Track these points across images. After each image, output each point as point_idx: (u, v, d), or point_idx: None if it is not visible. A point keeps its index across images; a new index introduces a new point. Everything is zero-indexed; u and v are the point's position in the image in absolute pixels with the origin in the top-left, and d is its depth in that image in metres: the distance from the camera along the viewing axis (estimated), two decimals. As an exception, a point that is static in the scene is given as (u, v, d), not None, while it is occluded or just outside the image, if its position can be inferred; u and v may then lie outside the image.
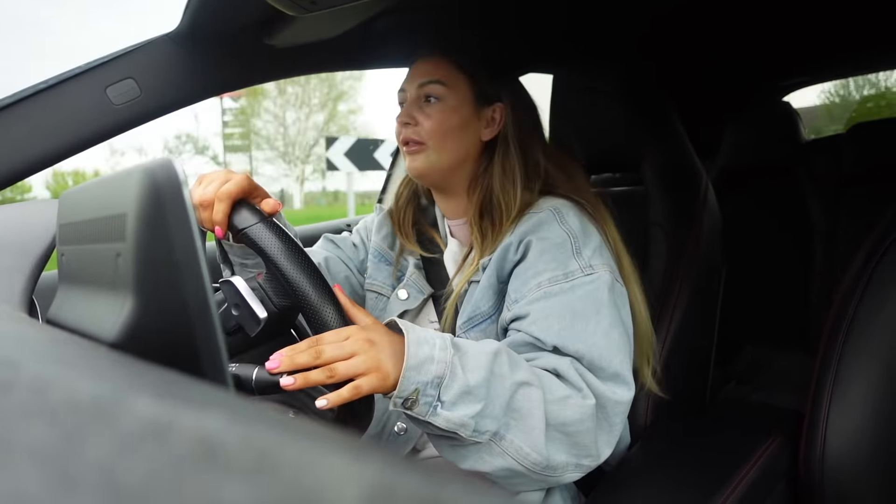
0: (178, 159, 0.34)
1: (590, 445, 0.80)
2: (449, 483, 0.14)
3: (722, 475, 0.96)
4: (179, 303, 0.31)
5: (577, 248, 0.90)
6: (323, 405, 0.69)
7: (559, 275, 0.87)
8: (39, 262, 0.60)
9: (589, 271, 0.88)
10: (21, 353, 0.25)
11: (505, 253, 0.92)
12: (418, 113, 0.98)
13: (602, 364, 0.83)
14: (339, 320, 0.74)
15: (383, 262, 1.11)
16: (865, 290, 0.98)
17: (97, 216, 0.39)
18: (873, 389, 0.94)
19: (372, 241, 1.15)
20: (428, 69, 0.99)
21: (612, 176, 1.61)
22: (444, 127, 0.97)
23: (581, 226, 0.92)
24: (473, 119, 0.99)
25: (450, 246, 1.06)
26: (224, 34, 1.04)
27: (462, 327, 0.95)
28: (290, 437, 0.16)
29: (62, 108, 0.96)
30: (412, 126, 0.98)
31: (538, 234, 0.91)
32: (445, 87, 0.98)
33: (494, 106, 1.01)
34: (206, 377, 0.31)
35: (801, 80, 2.22)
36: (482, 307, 0.93)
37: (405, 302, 1.04)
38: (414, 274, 1.06)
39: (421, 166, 0.98)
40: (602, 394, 0.81)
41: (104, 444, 0.14)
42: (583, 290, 0.86)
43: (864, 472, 0.93)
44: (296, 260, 0.74)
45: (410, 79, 1.01)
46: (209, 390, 0.21)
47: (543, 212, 0.93)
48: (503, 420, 0.75)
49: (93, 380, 0.20)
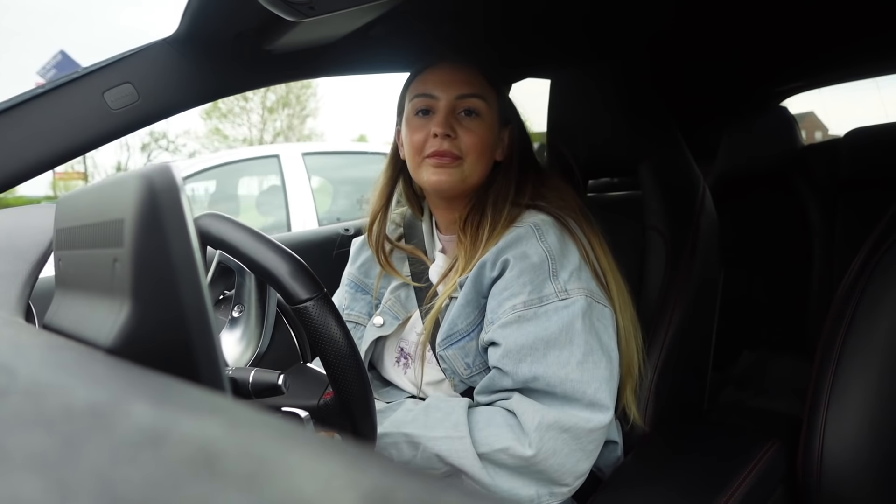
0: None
1: (559, 473, 0.84)
2: (447, 489, 0.14)
3: (720, 480, 0.96)
4: (177, 308, 0.31)
5: (553, 270, 0.89)
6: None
7: (534, 299, 0.87)
8: (36, 267, 0.60)
9: (564, 296, 0.87)
10: (17, 359, 0.24)
11: (482, 269, 0.92)
12: (457, 125, 0.94)
13: (576, 396, 0.84)
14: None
15: (360, 291, 1.11)
16: (863, 293, 0.99)
17: (94, 221, 0.39)
18: (871, 394, 0.94)
19: (347, 271, 1.15)
20: (465, 78, 0.96)
21: (609, 181, 1.62)
22: (483, 144, 0.95)
23: (560, 245, 0.91)
24: (497, 140, 0.99)
25: (437, 261, 1.05)
26: (222, 39, 1.04)
27: (441, 345, 0.94)
28: (288, 444, 0.16)
29: (60, 112, 0.96)
30: (451, 139, 0.93)
31: (516, 252, 0.90)
32: (485, 102, 0.96)
33: (509, 127, 1.01)
34: (204, 382, 0.31)
35: (797, 85, 2.23)
36: (459, 325, 0.93)
37: (380, 328, 1.04)
38: (390, 300, 1.06)
39: (454, 181, 0.95)
40: (575, 425, 0.83)
41: (101, 451, 0.14)
42: (557, 317, 0.86)
43: (862, 475, 0.93)
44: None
45: (442, 85, 0.96)
46: (207, 396, 0.21)
47: (523, 227, 0.92)
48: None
49: (89, 386, 0.20)
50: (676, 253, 1.18)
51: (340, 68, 1.30)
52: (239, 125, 21.60)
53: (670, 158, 1.27)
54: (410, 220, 1.13)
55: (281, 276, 0.73)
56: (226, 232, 0.75)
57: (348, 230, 1.90)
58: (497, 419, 0.85)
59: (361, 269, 1.13)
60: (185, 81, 1.05)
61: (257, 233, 0.76)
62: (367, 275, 1.12)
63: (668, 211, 1.21)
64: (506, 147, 1.01)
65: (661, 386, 1.08)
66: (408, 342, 1.05)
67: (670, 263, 1.18)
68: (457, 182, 0.95)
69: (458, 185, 0.96)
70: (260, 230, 0.76)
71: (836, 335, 0.99)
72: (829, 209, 1.76)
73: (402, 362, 1.05)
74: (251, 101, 21.15)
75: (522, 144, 1.02)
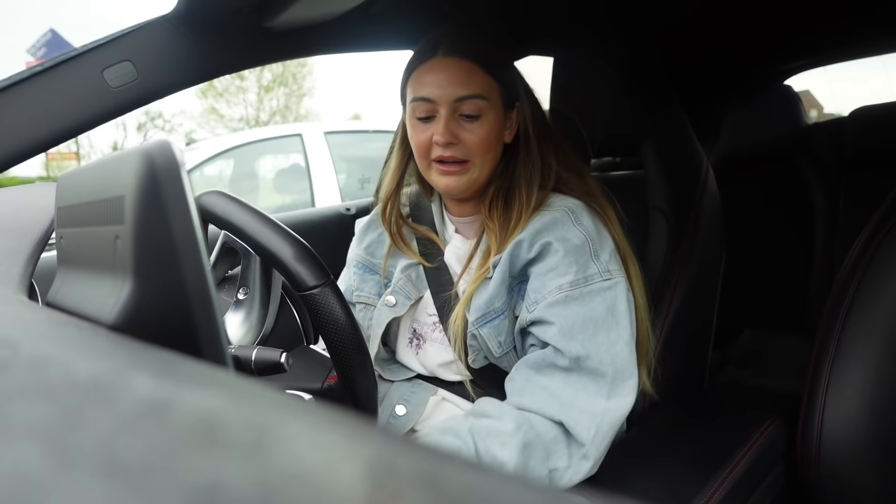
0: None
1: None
2: (448, 460, 0.14)
3: (720, 456, 0.96)
4: (178, 284, 0.31)
5: (594, 250, 0.91)
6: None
7: (580, 278, 0.89)
8: (39, 245, 0.60)
9: (607, 276, 0.90)
10: (20, 333, 0.25)
11: (517, 249, 0.92)
12: (459, 129, 0.92)
13: (624, 376, 0.88)
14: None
15: (368, 272, 1.11)
16: (865, 273, 0.99)
17: (95, 199, 0.39)
18: (871, 373, 0.94)
19: (354, 252, 1.14)
20: (463, 79, 0.92)
21: (612, 160, 1.61)
22: (488, 142, 0.93)
23: (596, 228, 0.93)
24: (503, 125, 0.97)
25: (453, 242, 1.05)
26: (221, 15, 1.03)
27: (475, 323, 0.94)
28: (289, 415, 0.16)
29: (59, 91, 0.95)
30: (454, 145, 0.92)
31: (556, 235, 0.91)
32: (486, 101, 0.92)
33: (516, 106, 0.99)
34: (206, 358, 0.31)
35: (801, 63, 2.21)
36: (496, 304, 0.94)
37: (393, 308, 1.04)
38: (401, 279, 1.05)
39: (463, 184, 0.95)
40: (622, 416, 0.88)
41: (103, 421, 0.14)
42: (602, 298, 0.88)
43: (861, 454, 0.94)
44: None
45: (440, 88, 0.92)
46: (209, 370, 0.21)
47: (558, 211, 0.93)
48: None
49: (92, 359, 0.20)
50: (679, 233, 1.18)
51: (340, 46, 1.29)
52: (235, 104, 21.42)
53: (674, 137, 1.26)
54: (416, 200, 1.12)
55: (288, 261, 0.72)
56: (232, 213, 0.75)
57: (349, 209, 1.89)
58: (548, 440, 0.85)
59: (368, 250, 1.12)
60: (184, 59, 1.04)
61: (264, 215, 0.75)
62: (373, 255, 1.12)
63: (671, 190, 1.21)
64: (514, 126, 0.99)
65: (663, 364, 1.09)
66: (420, 323, 1.05)
67: (672, 243, 1.18)
68: (465, 185, 0.95)
69: (468, 188, 0.96)
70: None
71: (838, 315, 0.99)
72: (832, 189, 1.75)
73: (415, 343, 1.05)
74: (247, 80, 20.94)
75: (536, 119, 0.99)
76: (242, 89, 21.32)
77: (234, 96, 21.36)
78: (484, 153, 0.94)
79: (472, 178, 0.95)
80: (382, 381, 1.07)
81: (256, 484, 0.12)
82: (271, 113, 21.76)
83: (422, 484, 0.13)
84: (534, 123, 0.98)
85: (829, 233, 1.74)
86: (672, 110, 1.29)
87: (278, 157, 4.53)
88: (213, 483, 0.12)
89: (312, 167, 3.96)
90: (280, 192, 4.24)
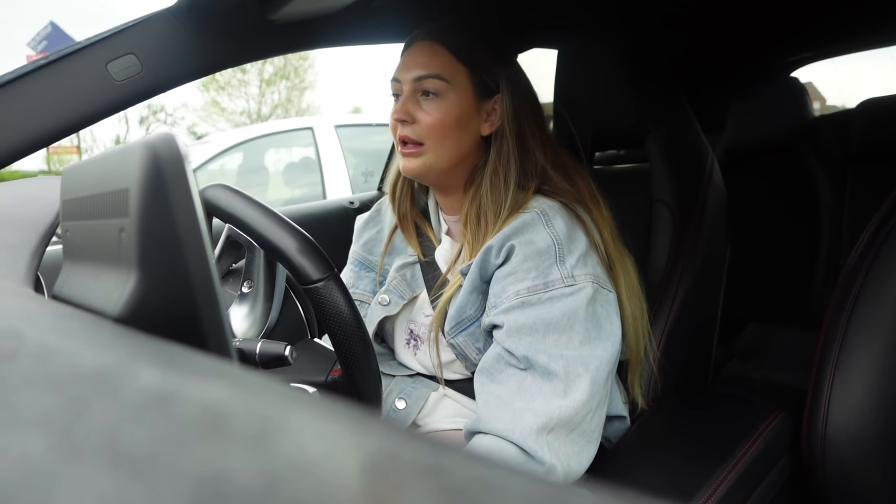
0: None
1: (575, 471, 0.83)
2: (451, 451, 0.14)
3: (725, 448, 0.96)
4: (183, 277, 0.31)
5: (560, 255, 0.87)
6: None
7: (539, 284, 0.86)
8: (44, 238, 0.60)
9: (570, 282, 0.86)
10: (26, 326, 0.25)
11: (487, 255, 0.90)
12: (415, 109, 0.92)
13: (578, 371, 0.82)
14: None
15: (364, 269, 1.11)
16: (871, 266, 0.98)
17: (100, 191, 0.39)
18: (876, 366, 0.94)
19: (352, 249, 1.14)
20: (425, 59, 0.92)
21: (616, 153, 1.60)
22: (443, 125, 0.91)
23: (567, 231, 0.89)
24: (474, 114, 0.94)
25: (443, 243, 1.03)
26: (225, 9, 1.02)
27: (450, 333, 0.94)
28: (293, 406, 0.16)
29: (63, 84, 0.95)
30: (409, 124, 0.92)
31: (522, 238, 0.88)
32: (445, 82, 0.91)
33: (496, 98, 0.95)
34: (211, 351, 0.31)
35: (807, 55, 2.19)
36: (467, 311, 0.93)
37: (386, 308, 1.03)
38: (395, 278, 1.05)
39: (418, 168, 0.93)
40: (575, 415, 0.81)
41: (108, 411, 0.14)
42: (561, 303, 0.85)
43: (866, 447, 0.94)
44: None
45: (405, 68, 0.93)
46: (213, 362, 0.21)
47: (529, 213, 0.90)
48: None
49: (97, 351, 0.20)
50: (683, 226, 1.18)
51: (343, 39, 1.29)
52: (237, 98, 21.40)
53: (678, 130, 1.26)
54: (417, 195, 1.12)
55: (292, 255, 0.72)
56: (236, 206, 0.75)
57: (353, 203, 1.89)
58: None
59: (365, 247, 1.12)
60: (188, 52, 1.04)
61: (268, 208, 0.75)
62: (370, 252, 1.12)
63: (676, 183, 1.20)
64: (498, 121, 0.95)
65: (667, 358, 1.09)
66: (416, 324, 1.04)
67: (677, 236, 1.17)
68: (421, 168, 0.93)
69: (427, 171, 0.94)
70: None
71: (844, 308, 0.99)
72: (838, 181, 1.74)
73: (413, 344, 1.05)
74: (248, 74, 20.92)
75: (519, 115, 0.95)
76: (244, 83, 21.28)
77: (236, 90, 21.34)
78: (440, 137, 0.91)
79: (427, 162, 0.92)
80: (384, 375, 1.07)
81: (260, 474, 0.13)
82: (273, 106, 21.74)
83: (424, 475, 0.13)
84: (514, 119, 0.95)
85: (834, 225, 1.74)
86: (677, 102, 1.28)
87: (291, 150, 4.57)
88: (218, 472, 0.12)
89: (324, 160, 3.99)
90: (290, 186, 4.27)
